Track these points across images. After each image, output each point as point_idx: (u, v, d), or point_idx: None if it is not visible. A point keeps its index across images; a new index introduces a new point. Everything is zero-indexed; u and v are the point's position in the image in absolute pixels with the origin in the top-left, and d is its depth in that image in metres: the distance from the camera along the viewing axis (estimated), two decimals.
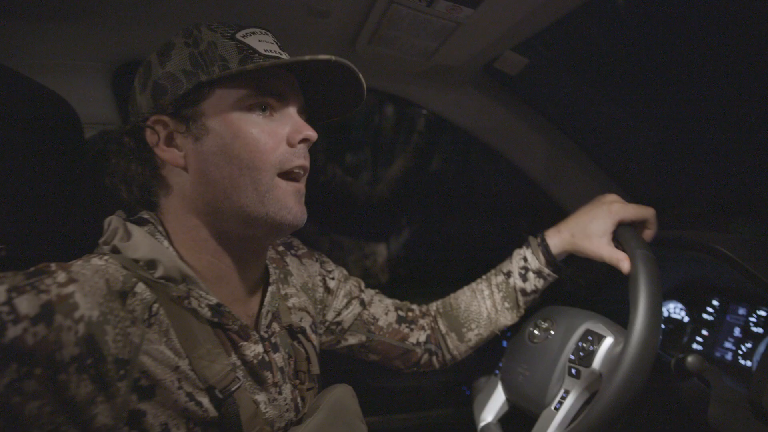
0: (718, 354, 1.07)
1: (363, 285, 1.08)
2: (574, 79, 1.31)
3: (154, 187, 0.74)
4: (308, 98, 0.78)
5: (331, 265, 1.04)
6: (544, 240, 1.04)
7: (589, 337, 0.94)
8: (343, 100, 0.81)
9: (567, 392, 0.93)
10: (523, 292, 1.05)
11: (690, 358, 0.89)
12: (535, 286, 1.05)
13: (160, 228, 0.71)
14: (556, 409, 0.93)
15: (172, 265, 0.68)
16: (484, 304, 1.08)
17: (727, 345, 1.06)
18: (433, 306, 1.15)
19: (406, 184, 1.83)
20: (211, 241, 0.72)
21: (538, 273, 1.04)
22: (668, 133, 1.29)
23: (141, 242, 0.68)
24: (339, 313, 1.01)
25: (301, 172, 0.74)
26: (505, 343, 1.15)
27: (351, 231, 1.90)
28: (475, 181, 2.06)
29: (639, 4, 1.10)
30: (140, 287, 0.65)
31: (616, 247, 1.04)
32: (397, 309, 1.08)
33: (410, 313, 1.10)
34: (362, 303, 1.04)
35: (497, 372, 1.15)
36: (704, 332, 1.13)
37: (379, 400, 1.45)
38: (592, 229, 0.98)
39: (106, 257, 0.66)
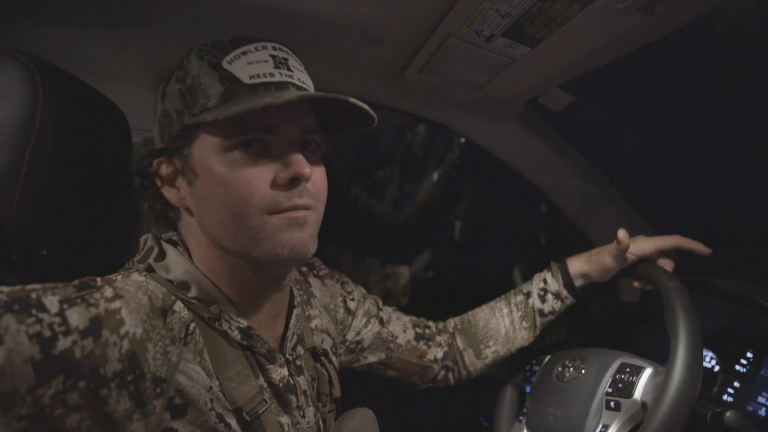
0: (750, 408, 1.05)
1: (381, 303, 1.09)
2: (616, 118, 1.31)
3: (173, 219, 0.75)
4: (323, 110, 0.72)
5: (350, 286, 1.04)
6: (564, 263, 1.08)
7: (627, 369, 0.94)
8: (357, 116, 0.71)
9: (606, 427, 0.92)
10: (541, 312, 1.08)
11: (729, 414, 0.87)
12: (552, 307, 1.08)
13: (187, 252, 0.72)
14: None
15: (205, 287, 0.68)
16: (503, 322, 1.10)
17: (761, 400, 1.04)
18: (451, 322, 1.16)
19: (433, 212, 1.83)
20: (229, 271, 0.71)
21: (557, 295, 1.07)
22: (708, 179, 1.28)
23: (175, 263, 0.69)
24: (359, 333, 1.02)
25: (297, 211, 0.67)
26: (528, 389, 1.14)
27: (373, 251, 1.89)
28: (504, 214, 2.06)
29: (686, 52, 1.10)
30: (179, 306, 0.66)
31: (643, 286, 1.07)
32: (414, 326, 1.09)
33: (427, 330, 1.10)
34: (381, 321, 1.05)
35: (521, 418, 1.14)
36: (736, 384, 1.11)
37: (397, 427, 1.44)
38: (609, 249, 1.03)
39: (145, 273, 0.67)
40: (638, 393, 0.90)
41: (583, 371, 1.02)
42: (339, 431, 0.83)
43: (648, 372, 0.91)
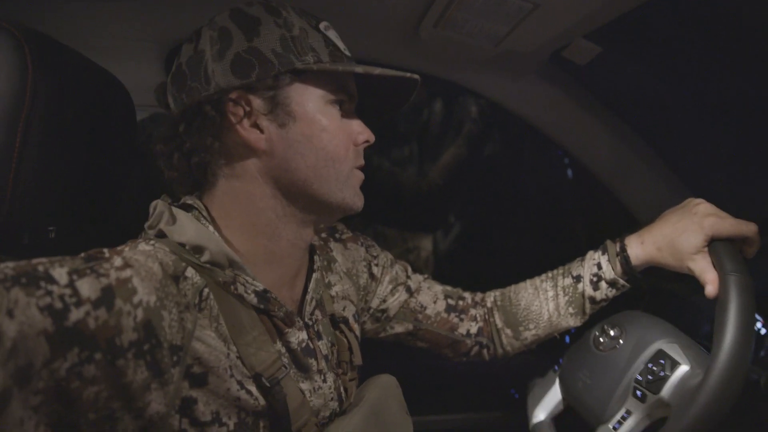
0: None
1: (410, 270, 1.04)
2: (649, 71, 1.22)
3: (217, 166, 0.71)
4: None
5: (376, 250, 1.00)
6: (624, 249, 0.92)
7: (662, 360, 0.85)
8: (391, 99, 0.83)
9: (629, 413, 0.86)
10: (592, 300, 0.96)
11: None
12: (606, 295, 0.95)
13: (205, 213, 0.70)
14: (615, 428, 0.86)
15: (218, 250, 0.66)
16: (547, 306, 1.00)
17: None
18: (491, 296, 1.08)
19: (458, 175, 1.77)
20: (272, 224, 0.72)
21: (612, 283, 0.93)
22: (751, 134, 1.19)
23: (187, 226, 0.67)
24: (384, 300, 0.98)
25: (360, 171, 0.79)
26: (567, 339, 1.08)
27: (396, 222, 1.85)
28: (530, 177, 1.98)
29: None
30: (190, 271, 0.64)
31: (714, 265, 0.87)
32: (446, 297, 1.03)
33: (461, 302, 1.04)
34: (408, 290, 1.00)
35: (556, 368, 1.08)
36: None
37: (422, 398, 1.42)
38: (682, 245, 0.84)
39: (152, 242, 0.65)
40: (666, 392, 0.81)
41: (620, 342, 0.95)
42: (361, 397, 0.80)
43: (683, 370, 0.82)
